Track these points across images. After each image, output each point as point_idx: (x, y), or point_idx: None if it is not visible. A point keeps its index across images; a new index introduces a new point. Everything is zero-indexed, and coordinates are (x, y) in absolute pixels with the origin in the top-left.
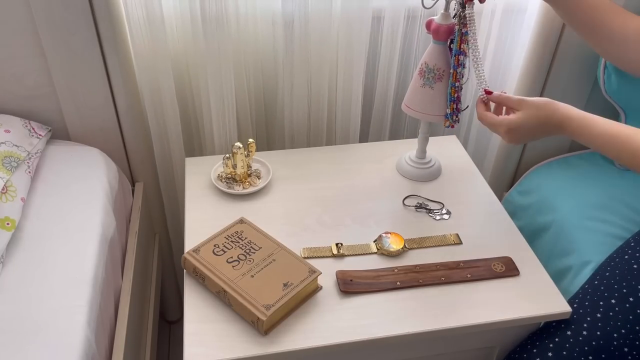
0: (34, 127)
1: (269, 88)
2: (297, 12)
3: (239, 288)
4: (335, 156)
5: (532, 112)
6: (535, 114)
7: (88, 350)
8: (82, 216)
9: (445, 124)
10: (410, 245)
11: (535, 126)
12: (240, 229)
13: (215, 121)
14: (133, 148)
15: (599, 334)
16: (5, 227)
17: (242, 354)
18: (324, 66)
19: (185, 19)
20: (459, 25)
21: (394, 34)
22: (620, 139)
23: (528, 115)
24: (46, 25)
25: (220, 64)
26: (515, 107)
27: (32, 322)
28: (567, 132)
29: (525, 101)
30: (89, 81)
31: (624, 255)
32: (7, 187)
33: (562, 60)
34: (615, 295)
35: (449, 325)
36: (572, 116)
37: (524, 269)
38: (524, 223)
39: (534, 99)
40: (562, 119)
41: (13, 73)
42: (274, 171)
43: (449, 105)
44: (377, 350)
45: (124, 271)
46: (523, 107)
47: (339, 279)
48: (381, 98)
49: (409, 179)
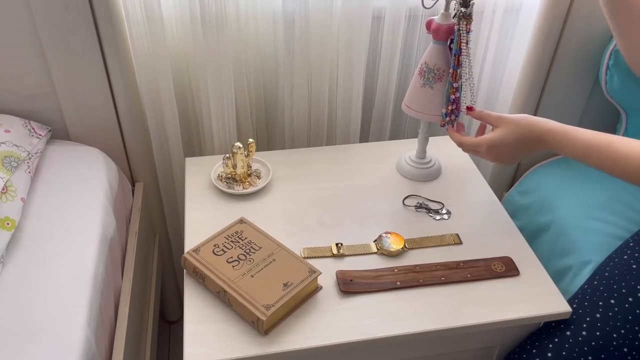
0: (34, 127)
1: (269, 88)
2: (297, 11)
3: (239, 288)
4: (335, 156)
5: (511, 128)
6: (515, 130)
7: (88, 350)
8: (82, 216)
9: (440, 124)
10: (410, 245)
11: (515, 142)
12: (240, 229)
13: (215, 121)
14: (133, 148)
15: (598, 334)
16: (5, 227)
17: (242, 354)
18: (324, 65)
19: (185, 19)
20: (459, 25)
21: (395, 34)
22: (602, 146)
23: (507, 131)
24: (46, 25)
25: (220, 63)
26: (495, 124)
27: (32, 322)
28: (549, 145)
29: (504, 117)
30: (89, 81)
31: (623, 255)
32: (7, 187)
33: (562, 60)
34: (614, 295)
35: (449, 325)
36: (553, 128)
37: (524, 269)
38: (524, 223)
39: (513, 115)
40: (542, 132)
41: (13, 73)
42: (274, 171)
43: (446, 105)
44: (377, 350)
45: (124, 271)
46: (501, 123)
47: (339, 279)
48: (382, 98)
49: (409, 179)
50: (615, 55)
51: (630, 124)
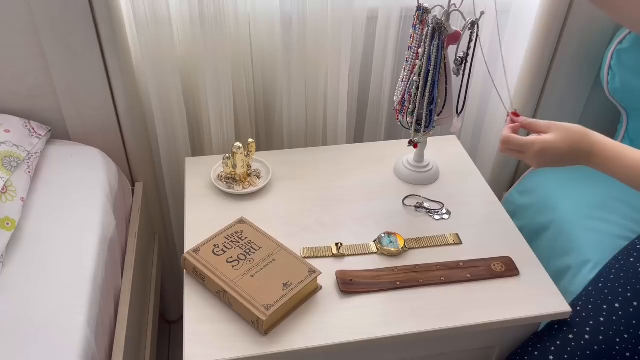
0: (33, 127)
1: (268, 87)
2: (295, 11)
3: (238, 288)
4: (335, 156)
5: (564, 134)
6: (567, 137)
7: (88, 350)
8: (82, 216)
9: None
10: (410, 245)
11: (565, 149)
12: (240, 229)
13: (214, 121)
14: (133, 148)
15: (601, 338)
16: (5, 227)
17: (242, 354)
18: (322, 65)
19: (184, 19)
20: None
21: (393, 34)
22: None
23: (560, 137)
24: (46, 25)
25: (218, 63)
26: (545, 130)
27: (32, 322)
28: (596, 160)
29: (556, 124)
30: (89, 81)
31: (629, 257)
32: (7, 187)
33: (562, 60)
34: (619, 299)
35: (449, 325)
36: (605, 143)
37: (524, 269)
38: (524, 223)
39: (564, 123)
40: (593, 145)
41: (13, 73)
42: (274, 171)
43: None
44: (377, 350)
45: (124, 271)
46: (553, 129)
47: (339, 279)
48: (376, 99)
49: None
50: (617, 55)
51: (631, 124)
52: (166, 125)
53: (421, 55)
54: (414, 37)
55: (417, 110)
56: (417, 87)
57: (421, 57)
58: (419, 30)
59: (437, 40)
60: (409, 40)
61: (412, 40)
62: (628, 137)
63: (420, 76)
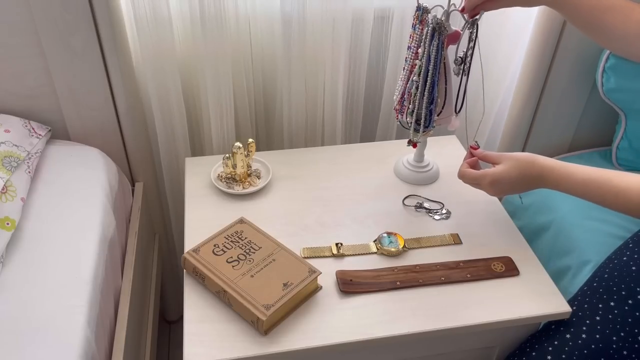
0: (33, 127)
1: (268, 88)
2: (295, 12)
3: (238, 288)
4: (335, 156)
5: (513, 163)
6: (516, 165)
7: (88, 350)
8: (81, 216)
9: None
10: (410, 245)
11: (515, 177)
12: (240, 229)
13: (214, 121)
14: (133, 148)
15: (598, 337)
16: (5, 227)
17: (242, 354)
18: (322, 65)
19: (185, 19)
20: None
21: (393, 34)
22: (601, 182)
23: (509, 166)
24: (46, 25)
25: (218, 64)
26: (496, 161)
27: (31, 322)
28: (548, 182)
29: (505, 154)
30: (89, 81)
31: (623, 256)
32: (7, 187)
33: (562, 60)
34: (614, 297)
35: (449, 325)
36: (552, 165)
37: (524, 268)
38: (523, 223)
39: (513, 153)
40: (542, 169)
41: (13, 73)
42: (274, 171)
43: (400, 93)
44: (377, 350)
45: (124, 271)
46: (503, 160)
47: (339, 278)
48: (379, 98)
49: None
50: (611, 57)
51: (630, 125)
52: (166, 126)
53: (421, 55)
54: (413, 37)
55: (416, 110)
56: (416, 87)
57: (421, 57)
58: (419, 30)
59: (436, 40)
60: (408, 40)
61: (411, 40)
62: (626, 138)
63: (420, 76)
